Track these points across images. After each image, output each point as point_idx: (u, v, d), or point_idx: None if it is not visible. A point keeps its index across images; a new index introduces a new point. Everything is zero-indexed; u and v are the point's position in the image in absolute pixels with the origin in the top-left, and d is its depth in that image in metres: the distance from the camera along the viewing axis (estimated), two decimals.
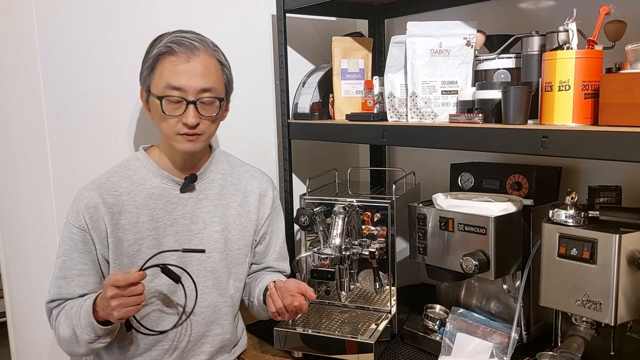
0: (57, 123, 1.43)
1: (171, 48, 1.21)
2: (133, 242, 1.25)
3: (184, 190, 1.31)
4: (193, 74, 1.21)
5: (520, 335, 1.31)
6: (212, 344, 1.35)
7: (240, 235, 1.38)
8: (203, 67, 1.23)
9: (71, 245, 1.23)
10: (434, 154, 1.76)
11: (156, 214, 1.28)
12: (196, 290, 1.25)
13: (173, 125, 1.23)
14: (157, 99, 1.22)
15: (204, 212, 1.33)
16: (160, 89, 1.22)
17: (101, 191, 1.24)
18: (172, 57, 1.21)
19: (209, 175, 1.36)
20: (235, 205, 1.38)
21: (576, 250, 1.08)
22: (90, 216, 1.22)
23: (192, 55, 1.22)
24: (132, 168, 1.30)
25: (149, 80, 1.24)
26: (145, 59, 1.25)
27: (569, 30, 1.07)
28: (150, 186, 1.29)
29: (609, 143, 0.94)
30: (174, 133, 1.24)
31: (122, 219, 1.25)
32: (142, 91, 1.29)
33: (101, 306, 1.13)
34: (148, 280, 1.25)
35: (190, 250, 1.24)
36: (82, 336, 1.17)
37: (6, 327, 1.88)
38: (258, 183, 1.43)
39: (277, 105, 1.84)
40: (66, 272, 1.23)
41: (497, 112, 1.17)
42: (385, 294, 1.50)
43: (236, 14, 1.74)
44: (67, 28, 1.42)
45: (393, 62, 1.39)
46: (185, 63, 1.21)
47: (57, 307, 1.25)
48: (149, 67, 1.23)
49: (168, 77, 1.21)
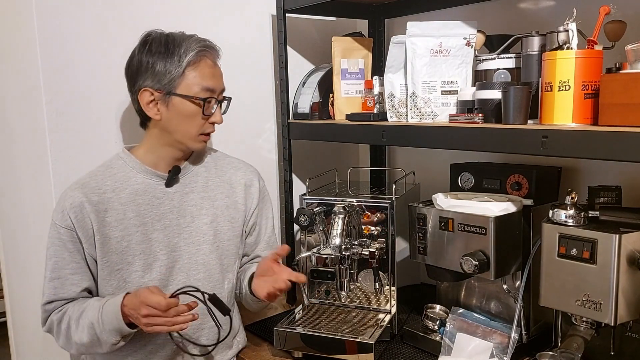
0: (57, 123, 1.43)
1: (206, 51, 1.27)
2: (120, 238, 1.26)
3: (169, 184, 1.33)
4: (219, 76, 1.31)
5: (520, 335, 1.31)
6: (208, 337, 1.35)
7: (229, 226, 1.39)
8: (220, 70, 1.32)
9: (60, 245, 1.24)
10: (434, 154, 1.76)
11: (143, 210, 1.29)
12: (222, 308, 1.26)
13: (200, 125, 1.28)
14: (198, 100, 1.25)
15: (191, 205, 1.34)
16: (196, 90, 1.25)
17: (85, 190, 1.25)
18: (208, 60, 1.28)
19: (194, 169, 1.38)
20: (222, 196, 1.40)
21: (576, 250, 1.08)
22: (76, 215, 1.23)
23: (217, 59, 1.31)
24: (115, 166, 1.31)
25: (176, 82, 1.24)
26: (165, 60, 1.23)
27: (569, 30, 1.07)
28: (135, 182, 1.30)
29: (609, 143, 0.94)
30: (198, 133, 1.29)
31: (108, 217, 1.26)
32: (148, 91, 1.25)
33: (133, 317, 1.16)
34: (138, 276, 1.27)
35: (216, 304, 1.23)
36: (108, 340, 1.19)
37: (6, 327, 1.87)
38: (243, 174, 1.45)
39: (277, 105, 1.84)
40: (59, 273, 1.24)
41: (497, 112, 1.17)
42: (385, 294, 1.50)
43: (236, 14, 1.74)
44: (67, 28, 1.42)
45: (393, 62, 1.39)
46: (214, 66, 1.30)
47: (56, 311, 1.26)
48: (181, 69, 1.23)
49: (206, 79, 1.26)
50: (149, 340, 1.29)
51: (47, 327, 1.28)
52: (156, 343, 1.30)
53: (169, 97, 1.25)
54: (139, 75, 1.25)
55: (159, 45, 1.25)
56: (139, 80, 1.26)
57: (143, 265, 1.28)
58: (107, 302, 1.20)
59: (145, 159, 1.32)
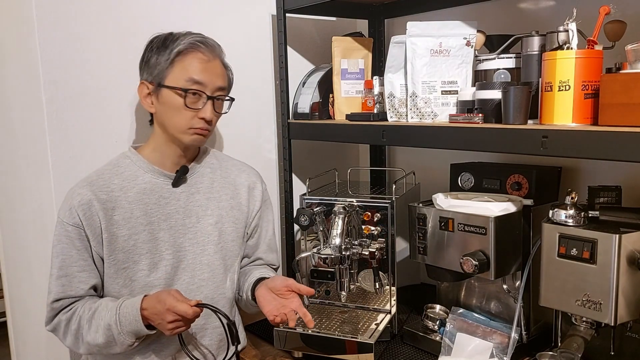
0: (57, 123, 1.43)
1: (198, 45, 1.27)
2: (128, 237, 1.26)
3: (176, 184, 1.33)
4: (214, 73, 1.29)
5: (520, 335, 1.31)
6: (212, 337, 1.36)
7: (233, 227, 1.40)
8: (219, 68, 1.31)
9: (68, 243, 1.24)
10: (434, 154, 1.76)
11: (150, 209, 1.29)
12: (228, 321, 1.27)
13: (189, 119, 1.27)
14: (179, 90, 1.25)
15: (196, 205, 1.35)
16: (181, 82, 1.25)
17: (93, 188, 1.26)
18: (198, 53, 1.27)
19: (199, 170, 1.39)
20: (227, 197, 1.40)
21: (576, 250, 1.08)
22: (84, 213, 1.23)
23: (213, 56, 1.30)
24: (122, 165, 1.32)
25: (165, 74, 1.26)
26: (159, 53, 1.26)
27: (569, 30, 1.07)
28: (142, 182, 1.30)
29: (609, 143, 0.94)
30: (187, 127, 1.28)
31: (116, 215, 1.26)
32: (145, 84, 1.29)
33: (155, 323, 1.19)
34: (144, 275, 1.28)
35: (231, 332, 1.27)
36: (125, 341, 1.21)
37: (6, 327, 1.88)
38: (246, 176, 1.46)
39: (277, 105, 1.84)
40: (67, 271, 1.24)
41: (497, 112, 1.17)
42: (385, 294, 1.50)
43: (236, 14, 1.74)
44: (67, 28, 1.42)
45: (393, 62, 1.39)
46: (208, 62, 1.28)
47: (64, 310, 1.25)
48: (169, 61, 1.25)
49: (193, 71, 1.25)
50: (153, 340, 1.29)
51: (53, 326, 1.27)
52: (160, 342, 1.30)
53: (159, 89, 1.27)
54: (140, 70, 1.31)
55: (159, 41, 1.29)
56: (140, 75, 1.31)
57: (149, 264, 1.28)
58: (124, 304, 1.21)
59: (152, 158, 1.33)
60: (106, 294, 1.29)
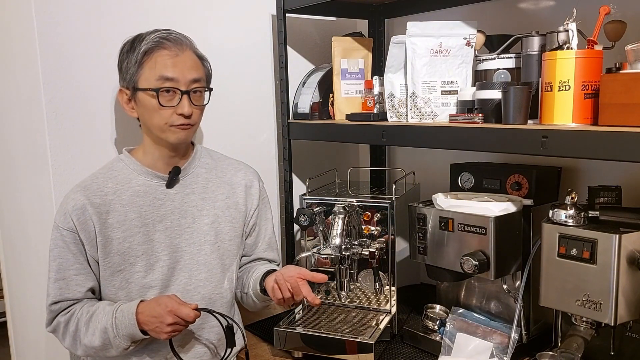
0: (57, 123, 1.43)
1: (161, 42, 1.25)
2: (122, 240, 1.27)
3: (170, 185, 1.33)
4: (184, 66, 1.26)
5: (520, 335, 1.31)
6: (209, 337, 1.36)
7: (230, 226, 1.40)
8: (191, 60, 1.28)
9: (64, 247, 1.25)
10: (434, 154, 1.76)
11: (144, 211, 1.29)
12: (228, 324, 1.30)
13: (167, 117, 1.25)
14: (151, 91, 1.24)
15: (191, 206, 1.35)
16: (152, 82, 1.24)
17: (87, 192, 1.26)
18: (163, 50, 1.25)
19: (194, 170, 1.38)
20: (223, 197, 1.40)
21: (576, 250, 1.08)
22: (78, 217, 1.24)
23: (181, 49, 1.27)
24: (116, 169, 1.32)
25: (136, 77, 1.25)
26: (128, 57, 1.26)
27: (569, 30, 1.07)
28: (136, 184, 1.30)
29: (609, 143, 0.94)
30: (167, 125, 1.26)
31: (110, 218, 1.26)
32: (122, 91, 1.29)
33: (152, 326, 1.19)
34: (141, 276, 1.28)
35: (228, 334, 1.29)
36: (121, 345, 1.22)
37: (6, 327, 1.88)
38: (243, 175, 1.45)
39: (277, 105, 1.84)
40: (64, 274, 1.25)
41: (497, 112, 1.17)
42: (385, 294, 1.50)
43: (236, 14, 1.74)
44: (67, 28, 1.42)
45: (393, 62, 1.39)
46: (175, 56, 1.25)
47: (63, 312, 1.27)
48: (137, 64, 1.25)
49: (161, 69, 1.24)
50: (151, 340, 1.29)
51: (52, 327, 1.29)
52: (158, 342, 1.30)
53: (135, 92, 1.27)
54: (119, 77, 1.31)
55: (128, 45, 1.28)
56: (119, 82, 1.31)
57: (145, 266, 1.28)
58: (120, 308, 1.22)
59: (144, 160, 1.33)
60: (103, 296, 1.29)
